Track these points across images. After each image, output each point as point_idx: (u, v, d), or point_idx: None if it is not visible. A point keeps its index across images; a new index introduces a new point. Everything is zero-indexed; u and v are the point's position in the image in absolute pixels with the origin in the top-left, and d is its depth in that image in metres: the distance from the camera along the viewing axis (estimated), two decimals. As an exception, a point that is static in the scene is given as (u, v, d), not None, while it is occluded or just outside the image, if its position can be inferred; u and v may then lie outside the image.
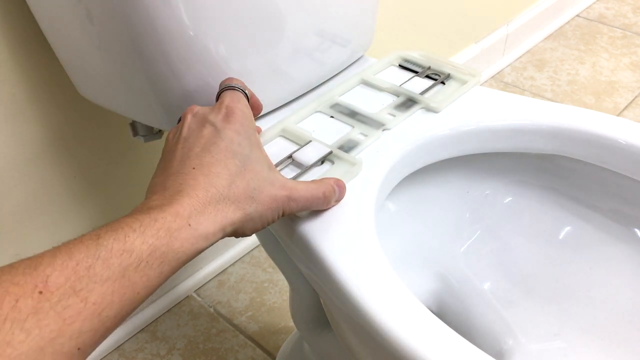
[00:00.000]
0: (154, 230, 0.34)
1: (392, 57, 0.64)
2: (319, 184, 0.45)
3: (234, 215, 0.39)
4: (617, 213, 0.57)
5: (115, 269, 0.32)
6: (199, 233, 0.36)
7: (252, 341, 0.91)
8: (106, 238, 0.33)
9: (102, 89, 0.59)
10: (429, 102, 0.56)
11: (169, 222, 0.35)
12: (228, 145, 0.41)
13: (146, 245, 0.34)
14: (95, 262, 0.32)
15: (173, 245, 0.35)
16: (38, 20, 0.59)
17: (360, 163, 0.50)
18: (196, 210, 0.37)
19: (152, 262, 0.34)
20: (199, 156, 0.40)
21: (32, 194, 0.72)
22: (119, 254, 0.32)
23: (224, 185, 0.39)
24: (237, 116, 0.43)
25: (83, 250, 0.32)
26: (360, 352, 0.45)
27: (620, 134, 0.53)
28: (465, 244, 0.62)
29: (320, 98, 0.59)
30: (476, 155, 0.57)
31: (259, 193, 0.41)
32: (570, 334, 0.57)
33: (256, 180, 0.41)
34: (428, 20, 1.18)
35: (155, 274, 0.34)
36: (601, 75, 1.41)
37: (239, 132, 0.42)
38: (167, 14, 0.47)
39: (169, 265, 0.35)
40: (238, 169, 0.40)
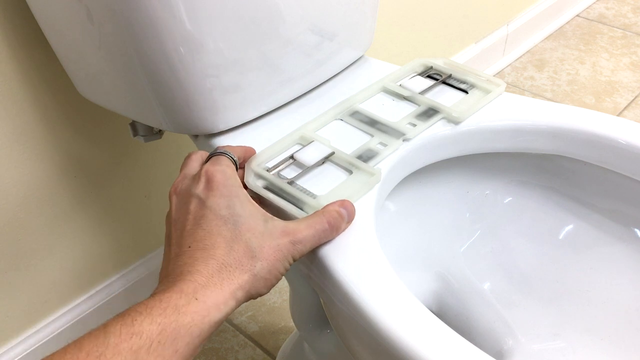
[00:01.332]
0: (160, 310, 0.34)
1: (414, 64, 0.63)
2: (321, 215, 0.43)
3: (241, 279, 0.39)
4: (617, 213, 0.57)
5: (126, 353, 0.32)
6: (209, 305, 0.36)
7: (252, 341, 0.91)
8: (113, 325, 0.33)
9: (102, 89, 0.59)
10: (451, 112, 0.55)
11: (175, 300, 0.35)
12: (216, 213, 0.41)
13: (155, 325, 0.33)
14: (106, 350, 0.31)
15: (183, 321, 0.34)
16: (38, 20, 0.59)
17: (379, 174, 0.49)
18: (201, 285, 0.37)
19: (164, 340, 0.33)
20: (192, 233, 0.40)
21: (32, 194, 0.72)
22: (128, 337, 0.32)
23: (223, 254, 0.39)
24: (218, 180, 0.43)
25: (92, 340, 0.32)
26: (360, 352, 0.45)
27: (620, 134, 0.53)
28: (465, 244, 0.62)
29: (340, 105, 0.58)
30: (476, 155, 0.57)
31: (260, 250, 0.40)
32: (570, 334, 0.57)
33: (254, 238, 0.40)
34: (428, 20, 1.18)
35: (169, 353, 0.33)
36: (601, 75, 1.41)
37: (223, 196, 0.42)
38: (166, 14, 0.47)
39: (183, 342, 0.34)
40: (232, 233, 0.40)
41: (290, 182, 0.50)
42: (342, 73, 0.64)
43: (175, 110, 0.54)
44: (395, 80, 0.61)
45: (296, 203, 0.47)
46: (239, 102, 0.56)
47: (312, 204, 0.47)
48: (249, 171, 0.50)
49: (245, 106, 0.57)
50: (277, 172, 0.51)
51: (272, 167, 0.51)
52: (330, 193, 0.48)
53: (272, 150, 0.53)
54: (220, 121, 0.56)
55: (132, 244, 0.88)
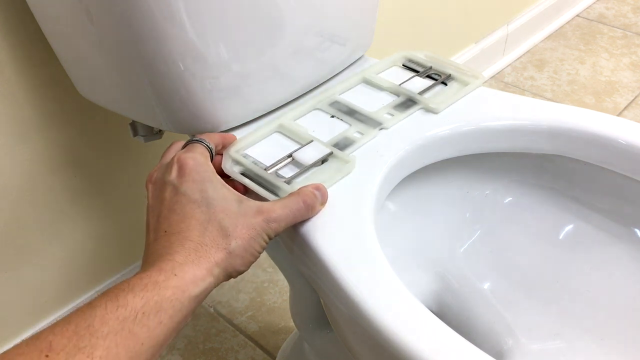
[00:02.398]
0: (141, 286, 0.36)
1: (395, 57, 0.64)
2: (296, 195, 0.45)
3: (217, 257, 0.40)
4: (617, 213, 0.57)
5: (113, 323, 0.34)
6: (187, 280, 0.38)
7: (252, 341, 0.91)
8: (99, 300, 0.35)
9: (102, 89, 0.59)
10: (429, 103, 0.56)
11: (155, 277, 0.37)
12: (190, 197, 0.43)
13: (138, 298, 0.35)
14: (93, 321, 0.33)
15: (165, 294, 0.37)
16: (38, 20, 0.59)
17: (354, 161, 0.50)
18: (178, 263, 0.39)
19: (148, 312, 0.35)
20: (167, 218, 0.42)
21: (32, 194, 0.72)
22: (114, 309, 0.34)
23: (198, 235, 0.41)
24: (190, 166, 0.44)
25: (79, 315, 0.34)
26: (360, 352, 0.45)
27: (620, 134, 0.53)
28: (465, 244, 0.62)
29: (320, 95, 0.59)
30: (476, 155, 0.57)
31: (234, 228, 0.41)
32: (570, 334, 0.57)
33: (227, 218, 0.42)
34: (428, 20, 1.18)
35: (154, 324, 0.35)
36: (601, 75, 1.41)
37: (195, 181, 0.44)
38: (166, 14, 0.47)
39: (167, 314, 0.36)
40: (206, 215, 0.42)
41: (267, 168, 0.51)
42: (342, 73, 0.64)
43: (175, 110, 0.54)
44: (376, 72, 0.62)
45: (271, 188, 0.49)
46: (239, 103, 0.56)
47: (286, 189, 0.48)
48: (226, 157, 0.52)
49: (245, 106, 0.57)
50: (254, 161, 0.52)
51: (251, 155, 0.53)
52: (305, 179, 0.49)
53: (251, 138, 0.54)
54: (220, 121, 0.56)
55: (132, 244, 0.88)
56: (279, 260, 0.65)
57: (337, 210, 0.47)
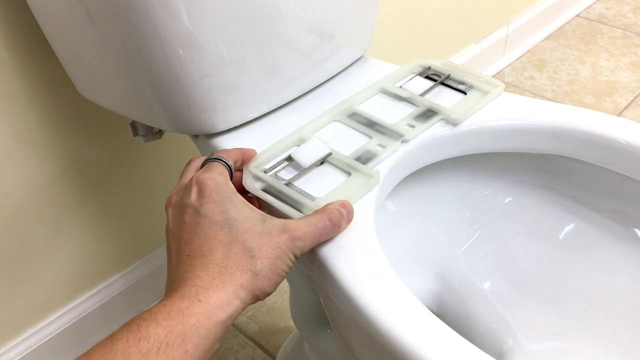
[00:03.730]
0: (164, 314, 0.35)
1: (412, 65, 0.62)
2: (322, 213, 0.44)
3: (242, 279, 0.39)
4: (617, 213, 0.57)
5: (135, 356, 0.32)
6: (212, 306, 0.37)
7: (252, 341, 0.91)
8: (119, 333, 0.33)
9: (102, 89, 0.59)
10: (450, 113, 0.55)
11: (178, 304, 0.36)
12: (211, 219, 0.41)
13: (161, 328, 0.34)
14: (115, 356, 0.32)
15: (189, 322, 0.35)
16: (38, 20, 0.59)
17: (378, 176, 0.49)
18: (202, 288, 0.37)
19: (172, 342, 0.34)
20: (189, 242, 0.41)
21: (32, 194, 0.72)
22: (136, 342, 0.33)
23: (221, 258, 0.39)
24: (209, 186, 0.43)
25: (100, 349, 0.32)
26: (360, 352, 0.45)
27: (620, 134, 0.53)
28: (465, 244, 0.62)
29: (339, 107, 0.57)
30: (476, 155, 0.57)
31: (259, 249, 0.40)
32: (570, 334, 0.57)
33: (252, 239, 0.40)
34: (428, 20, 1.18)
35: (179, 354, 0.34)
36: (601, 75, 1.41)
37: (216, 202, 0.42)
38: (166, 14, 0.47)
39: (192, 343, 0.35)
40: (229, 237, 0.40)
41: (288, 183, 0.49)
42: (342, 73, 0.64)
43: (175, 110, 0.54)
44: (393, 81, 0.60)
45: (295, 205, 0.47)
46: (239, 102, 0.56)
47: (310, 206, 0.46)
48: (247, 173, 0.50)
49: (245, 106, 0.57)
50: (274, 174, 0.51)
51: (270, 168, 0.51)
52: (329, 195, 0.48)
53: (271, 152, 0.53)
54: (220, 121, 0.56)
55: (132, 244, 0.88)
56: (279, 260, 0.65)
57: (337, 210, 0.47)
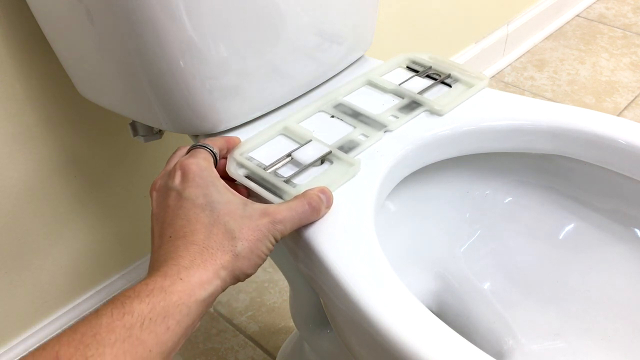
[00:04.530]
0: (147, 291, 0.36)
1: (399, 59, 0.64)
2: (301, 198, 0.45)
3: (223, 259, 0.40)
4: (617, 213, 0.57)
5: (120, 330, 0.33)
6: (193, 284, 0.38)
7: (252, 341, 0.91)
8: (104, 308, 0.35)
9: (102, 89, 0.59)
10: (434, 105, 0.56)
11: (160, 282, 0.37)
12: (193, 202, 0.42)
13: (144, 304, 0.35)
14: (100, 329, 0.33)
15: (171, 299, 0.36)
16: (38, 20, 0.59)
17: (359, 164, 0.50)
18: (184, 267, 0.39)
19: (155, 317, 0.35)
20: (171, 224, 0.42)
21: (32, 194, 0.72)
22: (120, 317, 0.34)
23: (203, 239, 0.40)
24: (193, 171, 0.44)
25: (85, 324, 0.34)
26: (360, 352, 0.45)
27: (620, 134, 0.53)
28: (465, 244, 0.62)
29: (324, 98, 0.59)
30: (476, 155, 0.57)
31: (239, 231, 0.41)
32: (570, 334, 0.57)
33: (233, 221, 0.42)
34: (428, 20, 1.18)
35: (162, 330, 0.35)
36: (601, 75, 1.41)
37: (199, 185, 0.43)
38: (167, 15, 0.47)
39: (174, 320, 0.36)
40: (210, 219, 0.41)
41: (272, 171, 0.51)
42: (342, 73, 0.64)
43: (175, 111, 0.54)
44: (380, 74, 0.62)
45: (276, 191, 0.49)
46: (240, 102, 0.56)
47: (291, 192, 0.48)
48: (231, 160, 0.52)
49: (245, 107, 0.57)
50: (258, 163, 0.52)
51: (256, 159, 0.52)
52: (310, 182, 0.49)
53: (255, 141, 0.54)
54: (220, 121, 0.56)
55: (132, 244, 0.88)
56: (279, 260, 0.65)
57: (338, 210, 0.47)
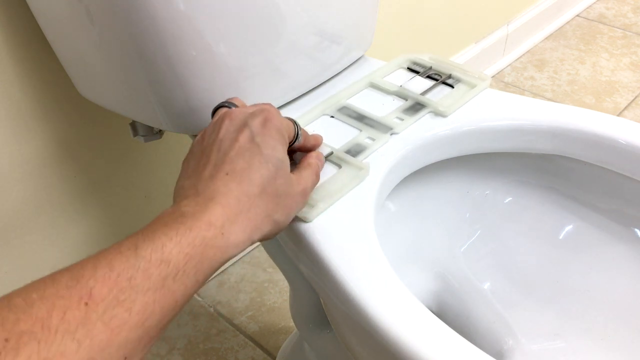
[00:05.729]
0: (189, 239, 0.35)
1: (400, 60, 0.63)
2: (309, 170, 0.46)
3: (262, 223, 0.40)
4: (617, 213, 0.57)
5: (155, 279, 0.33)
6: (230, 242, 0.37)
7: (252, 341, 0.91)
8: (144, 248, 0.34)
9: (102, 89, 0.59)
10: (438, 106, 0.56)
11: (204, 231, 0.36)
12: (262, 150, 0.41)
13: (182, 255, 0.35)
14: (136, 273, 0.32)
15: (207, 254, 0.36)
16: (38, 20, 0.59)
17: (367, 168, 0.50)
18: (229, 220, 0.38)
19: (189, 271, 0.35)
20: (233, 161, 0.40)
21: (32, 194, 0.72)
22: (157, 264, 0.33)
23: (256, 194, 0.40)
24: (274, 123, 0.43)
25: (123, 262, 0.33)
26: (360, 352, 0.45)
27: (620, 134, 0.53)
28: (465, 244, 0.62)
29: (327, 100, 0.58)
30: (476, 155, 0.57)
31: (284, 199, 0.41)
32: (570, 334, 0.57)
33: (284, 186, 0.42)
34: (428, 20, 1.18)
35: (191, 283, 0.35)
36: (601, 75, 1.41)
37: (274, 138, 0.42)
38: (167, 14, 0.47)
39: (203, 274, 0.36)
40: (270, 175, 0.41)
41: None
42: (342, 72, 0.64)
43: (175, 111, 0.54)
44: (382, 76, 0.62)
45: None
46: (239, 102, 0.56)
47: None
48: None
49: (245, 106, 0.57)
50: None
51: None
52: (320, 187, 0.49)
53: None
54: (220, 121, 0.56)
55: (132, 244, 0.88)
56: (279, 261, 0.65)
57: (338, 210, 0.47)
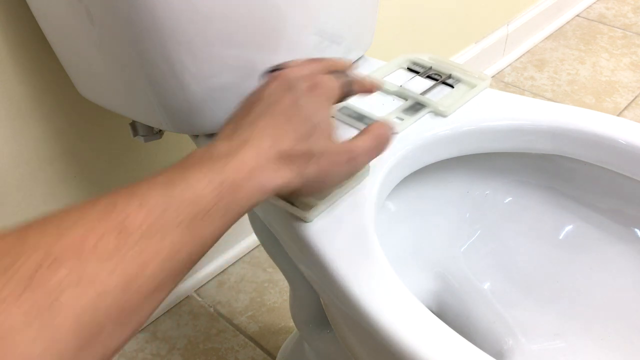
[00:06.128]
0: (221, 180, 0.36)
1: (400, 60, 0.63)
2: (368, 135, 0.46)
3: (292, 179, 0.41)
4: (617, 213, 0.57)
5: (185, 216, 0.34)
6: (258, 187, 0.38)
7: (252, 341, 0.91)
8: (177, 184, 0.35)
9: (102, 89, 0.59)
10: (438, 106, 0.56)
11: (234, 174, 0.37)
12: (303, 112, 0.43)
13: (213, 195, 0.35)
14: (168, 208, 0.33)
15: (236, 197, 0.37)
16: (38, 20, 0.59)
17: (367, 168, 0.50)
18: (259, 165, 0.39)
19: (218, 212, 0.36)
20: (274, 116, 0.42)
21: (32, 194, 0.72)
22: (189, 201, 0.34)
23: (289, 146, 0.41)
24: (322, 91, 0.44)
25: (156, 196, 0.33)
26: (360, 352, 0.45)
27: (620, 134, 0.53)
28: (466, 244, 0.62)
29: None
30: (476, 155, 0.57)
31: (319, 158, 0.42)
32: (570, 334, 0.57)
33: (321, 146, 0.42)
34: (428, 20, 1.18)
35: (220, 223, 0.36)
36: (601, 75, 1.41)
37: (318, 102, 0.44)
38: (167, 14, 0.47)
39: (230, 217, 0.37)
40: (307, 132, 0.42)
41: None
42: (342, 73, 0.64)
43: (175, 111, 0.54)
44: (382, 76, 0.61)
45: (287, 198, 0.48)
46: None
47: (301, 198, 0.47)
48: None
49: (245, 106, 0.57)
50: None
51: None
52: None
53: None
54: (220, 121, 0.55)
55: (132, 244, 0.88)
56: (279, 261, 0.65)
57: (338, 209, 0.47)
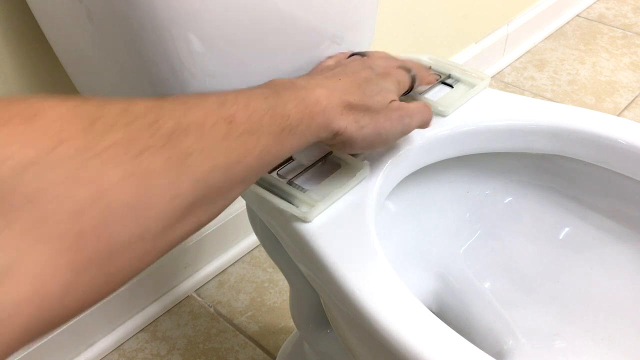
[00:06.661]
0: (303, 107, 0.41)
1: None
2: (417, 104, 0.49)
3: (349, 122, 0.44)
4: (617, 213, 0.57)
5: (277, 126, 0.38)
6: (326, 124, 0.42)
7: (252, 341, 0.91)
8: (273, 99, 0.39)
9: (102, 89, 0.59)
10: (437, 106, 0.56)
11: (312, 105, 0.41)
12: (373, 86, 0.47)
13: (299, 115, 0.40)
14: (265, 115, 0.37)
15: (310, 125, 0.41)
16: (38, 20, 0.59)
17: (366, 168, 0.50)
18: (330, 105, 0.43)
19: (300, 131, 0.40)
20: (349, 79, 0.47)
21: (32, 194, 0.72)
22: (280, 115, 0.39)
23: (355, 100, 0.45)
24: (393, 79, 0.49)
25: (257, 103, 0.38)
26: (360, 352, 0.45)
27: (620, 134, 0.53)
28: (466, 244, 0.62)
29: None
30: (476, 155, 0.57)
31: (376, 114, 0.46)
32: (570, 334, 0.57)
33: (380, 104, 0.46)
34: (428, 20, 1.18)
35: (294, 142, 0.40)
36: (601, 75, 1.41)
37: (385, 86, 0.48)
38: (167, 14, 0.47)
39: (304, 140, 0.41)
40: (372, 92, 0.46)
41: (281, 176, 0.50)
42: (342, 73, 0.64)
43: (175, 110, 0.54)
44: None
45: (286, 197, 0.48)
46: (239, 102, 0.56)
47: (301, 197, 0.48)
48: None
49: (245, 106, 0.57)
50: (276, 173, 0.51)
51: None
52: (320, 186, 0.49)
53: None
54: (220, 121, 0.56)
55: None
56: (279, 260, 0.65)
57: (338, 210, 0.47)
